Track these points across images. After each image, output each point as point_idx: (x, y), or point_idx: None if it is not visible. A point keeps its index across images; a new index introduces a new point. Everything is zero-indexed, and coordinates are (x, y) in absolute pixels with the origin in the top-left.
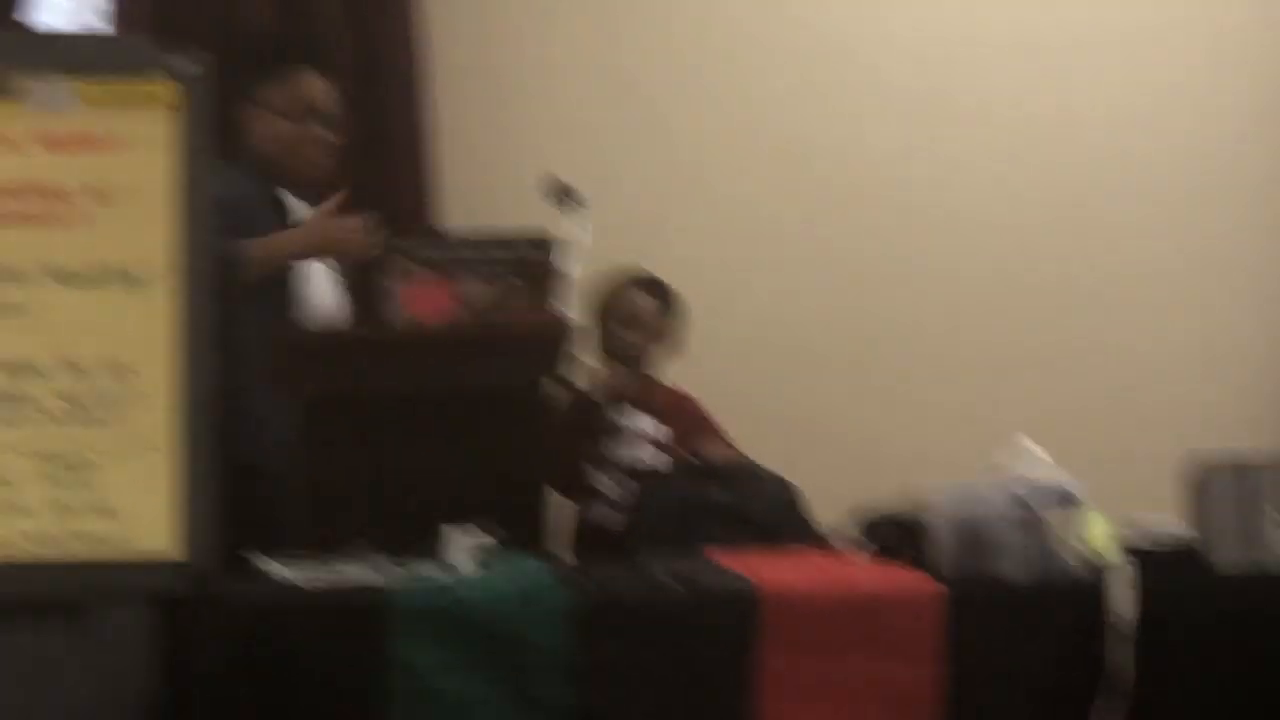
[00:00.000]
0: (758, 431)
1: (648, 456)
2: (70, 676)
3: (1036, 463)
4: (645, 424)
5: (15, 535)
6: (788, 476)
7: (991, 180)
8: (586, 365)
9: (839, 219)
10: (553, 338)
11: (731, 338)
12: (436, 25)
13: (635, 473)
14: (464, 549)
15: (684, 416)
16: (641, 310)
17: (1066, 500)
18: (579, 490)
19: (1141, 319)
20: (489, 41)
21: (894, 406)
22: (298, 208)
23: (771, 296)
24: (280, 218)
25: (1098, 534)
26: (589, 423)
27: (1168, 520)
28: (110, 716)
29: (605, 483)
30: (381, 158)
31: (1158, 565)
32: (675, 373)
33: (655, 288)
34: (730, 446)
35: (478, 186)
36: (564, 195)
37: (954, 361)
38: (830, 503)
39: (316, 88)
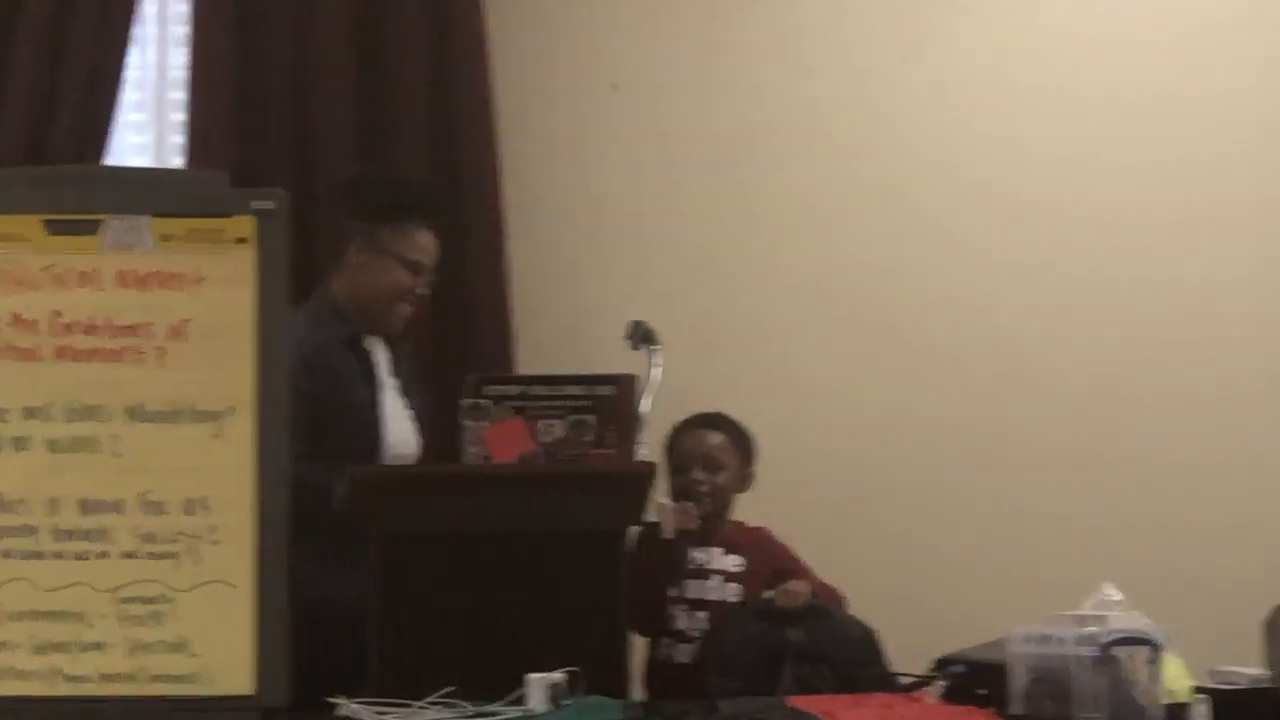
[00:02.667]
0: (836, 568)
1: (724, 593)
2: None
3: (1117, 607)
4: (721, 560)
5: (92, 672)
6: (866, 613)
7: (1087, 307)
8: (661, 503)
9: (917, 357)
10: (633, 479)
11: (806, 476)
12: (516, 169)
13: (711, 610)
14: (541, 690)
15: (761, 552)
16: (713, 448)
17: (1145, 643)
18: (654, 628)
19: (1230, 465)
20: (567, 185)
21: (973, 548)
22: (375, 344)
23: (847, 435)
24: (361, 361)
25: (1176, 678)
26: (664, 561)
27: (1248, 668)
28: None
29: (681, 620)
30: (462, 300)
31: (1233, 707)
32: (752, 510)
33: (726, 425)
34: (813, 576)
35: (554, 331)
36: (643, 337)
37: (1042, 501)
38: (908, 644)
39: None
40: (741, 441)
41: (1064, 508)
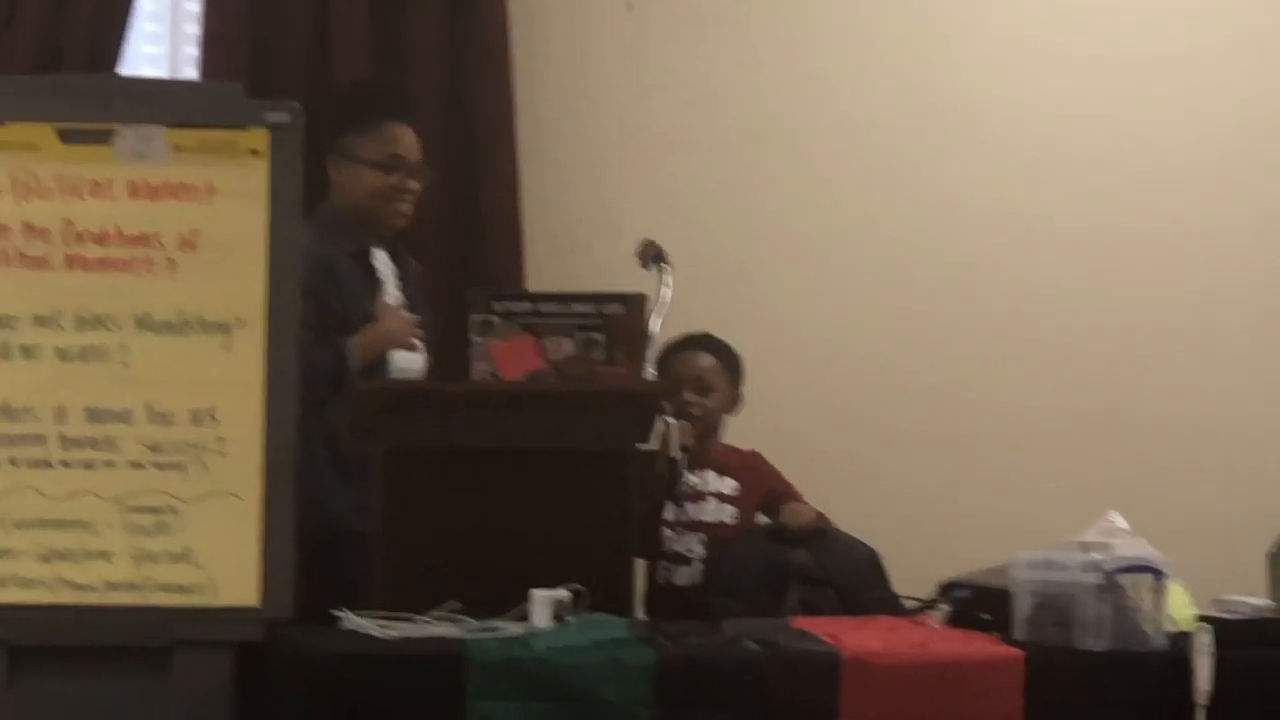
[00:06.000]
0: (840, 495)
1: (720, 515)
2: None
3: (1121, 534)
4: (715, 483)
5: (97, 581)
6: (869, 540)
7: (1082, 253)
8: (667, 422)
9: (928, 289)
10: (642, 399)
11: (817, 402)
12: (528, 86)
13: (707, 533)
14: (545, 607)
15: (755, 474)
16: (704, 370)
17: (1149, 571)
18: (650, 551)
19: (1236, 398)
20: (580, 104)
21: (978, 472)
22: (382, 259)
23: (858, 361)
24: (366, 271)
25: (1179, 606)
26: (664, 482)
27: (1252, 597)
28: None
29: (678, 543)
30: (471, 217)
31: (1235, 636)
32: (759, 435)
33: (715, 347)
34: (805, 503)
35: (565, 249)
36: (654, 257)
37: (1044, 431)
38: (912, 567)
39: (403, 138)
40: (731, 363)
41: (1070, 443)
